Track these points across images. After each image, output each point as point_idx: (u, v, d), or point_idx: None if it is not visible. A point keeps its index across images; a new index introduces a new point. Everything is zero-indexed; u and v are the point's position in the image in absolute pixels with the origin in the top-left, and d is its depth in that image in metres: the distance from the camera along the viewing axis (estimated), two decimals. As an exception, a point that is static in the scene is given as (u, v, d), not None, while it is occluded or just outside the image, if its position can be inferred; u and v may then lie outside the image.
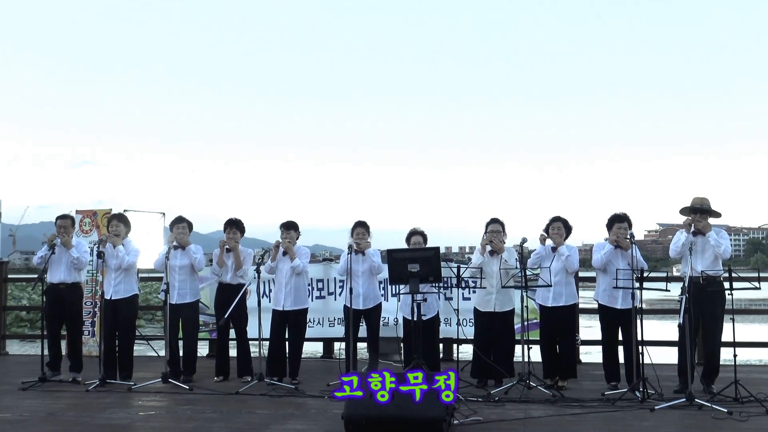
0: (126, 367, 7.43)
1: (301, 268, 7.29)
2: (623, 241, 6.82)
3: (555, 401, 6.25)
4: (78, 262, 7.43)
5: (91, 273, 8.83)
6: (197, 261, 7.51)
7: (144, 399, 6.65)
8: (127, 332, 7.50)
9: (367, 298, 7.33)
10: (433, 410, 5.01)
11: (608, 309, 6.90)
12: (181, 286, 7.47)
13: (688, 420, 5.58)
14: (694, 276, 6.34)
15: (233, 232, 7.64)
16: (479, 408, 5.93)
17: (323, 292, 8.97)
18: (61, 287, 7.47)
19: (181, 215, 7.68)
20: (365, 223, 7.53)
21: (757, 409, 5.75)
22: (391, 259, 6.64)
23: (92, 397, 6.72)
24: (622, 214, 6.96)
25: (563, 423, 5.54)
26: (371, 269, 7.36)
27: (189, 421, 5.71)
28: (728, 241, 6.77)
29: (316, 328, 8.81)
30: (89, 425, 5.62)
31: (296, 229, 7.41)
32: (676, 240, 6.71)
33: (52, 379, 7.34)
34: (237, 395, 6.66)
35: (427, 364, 6.21)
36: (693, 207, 6.68)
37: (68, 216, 7.71)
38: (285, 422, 5.65)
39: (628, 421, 5.56)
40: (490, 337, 7.05)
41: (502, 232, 7.20)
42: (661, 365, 6.74)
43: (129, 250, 7.41)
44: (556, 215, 7.19)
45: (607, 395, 6.46)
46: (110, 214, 8.29)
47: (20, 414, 5.99)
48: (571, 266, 7.01)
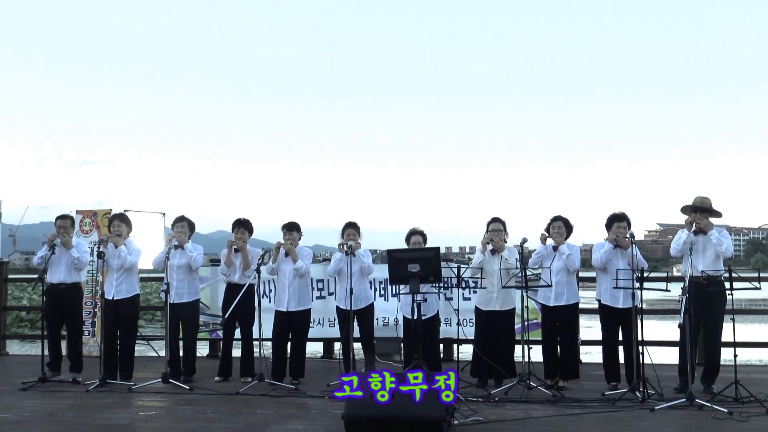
0: (126, 368, 7.45)
1: (305, 269, 7.30)
2: (622, 240, 6.83)
3: (555, 401, 6.26)
4: (78, 262, 7.45)
5: (91, 273, 8.85)
6: (193, 259, 7.50)
7: (144, 399, 6.66)
8: (129, 332, 7.52)
9: (357, 298, 7.30)
10: (433, 410, 5.02)
11: (609, 308, 6.91)
12: (179, 285, 7.47)
13: (689, 420, 5.59)
14: (695, 276, 6.35)
15: (241, 232, 7.62)
16: (479, 408, 5.95)
17: (323, 292, 8.98)
18: (61, 287, 7.47)
19: (183, 215, 7.70)
20: (355, 224, 7.54)
21: (757, 410, 5.76)
22: (391, 259, 6.65)
23: (92, 397, 6.74)
24: (620, 214, 6.98)
25: (563, 423, 5.56)
26: (361, 270, 7.34)
27: (189, 422, 5.73)
28: (729, 240, 6.77)
29: (317, 328, 8.81)
30: (89, 425, 5.64)
31: (298, 230, 7.42)
32: (677, 238, 6.72)
33: (52, 380, 7.36)
34: (237, 395, 6.68)
35: (427, 364, 6.23)
36: (694, 206, 6.70)
37: (68, 216, 7.72)
38: (285, 422, 5.67)
39: (629, 422, 5.57)
40: (491, 336, 7.06)
41: (503, 231, 7.21)
42: (662, 365, 6.75)
43: (131, 250, 7.43)
44: (557, 215, 7.21)
45: (608, 395, 6.47)
46: (110, 214, 8.33)
47: (20, 414, 6.01)
48: (573, 265, 7.02)
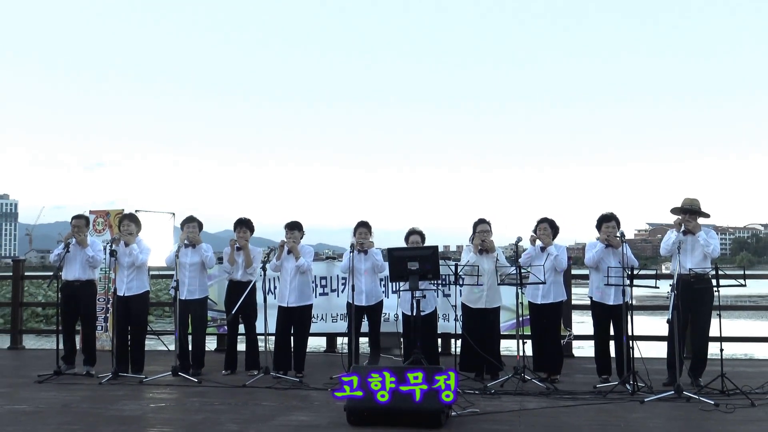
0: (138, 361, 7.61)
1: (306, 266, 7.43)
2: (613, 240, 6.97)
3: (549, 394, 6.39)
4: (93, 260, 7.62)
5: (104, 270, 8.98)
6: (208, 259, 7.69)
7: (155, 392, 6.78)
8: (139, 327, 7.68)
9: (369, 295, 7.52)
10: (432, 405, 5.16)
11: (600, 305, 7.04)
12: (190, 282, 7.64)
13: (677, 412, 5.69)
14: (683, 273, 6.48)
15: (243, 231, 7.79)
16: (476, 400, 6.06)
17: (326, 289, 9.15)
18: (76, 284, 7.65)
19: (192, 215, 7.84)
20: (367, 223, 7.69)
21: (742, 401, 5.89)
22: (391, 257, 6.82)
23: (105, 389, 6.88)
24: (609, 214, 7.13)
25: (557, 414, 5.66)
26: (373, 267, 7.53)
27: (198, 413, 5.83)
28: (717, 240, 6.91)
29: (320, 323, 9.01)
30: (102, 416, 5.72)
31: (300, 229, 7.56)
32: (666, 239, 6.85)
33: (66, 373, 7.53)
34: (244, 388, 6.80)
35: (426, 358, 6.42)
36: (683, 207, 6.83)
37: (83, 216, 7.95)
38: (290, 414, 5.77)
39: (619, 413, 5.68)
40: (478, 332, 7.21)
41: (490, 231, 7.38)
42: (651, 359, 6.90)
43: (141, 248, 7.61)
44: (543, 216, 7.39)
45: (599, 388, 6.61)
46: (122, 214, 8.44)
47: (36, 406, 6.13)
48: (560, 265, 7.18)
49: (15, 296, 10.40)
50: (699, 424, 5.38)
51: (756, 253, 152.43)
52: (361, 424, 5.26)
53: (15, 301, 10.41)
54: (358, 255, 7.50)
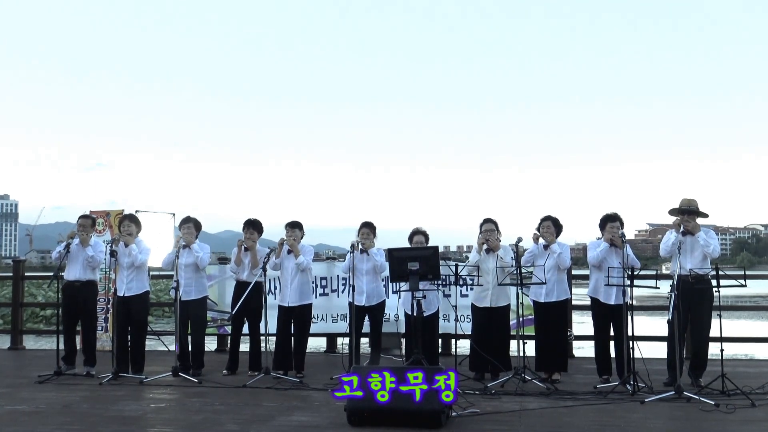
0: (138, 362, 7.62)
1: (306, 265, 7.45)
2: (617, 240, 6.96)
3: (549, 394, 6.39)
4: (92, 260, 7.62)
5: (104, 271, 8.98)
6: (199, 259, 7.67)
7: (155, 392, 6.79)
8: (140, 328, 7.69)
9: (370, 295, 7.52)
10: (432, 405, 5.16)
11: (601, 305, 7.04)
12: (187, 283, 7.64)
13: (677, 412, 5.69)
14: (683, 274, 6.48)
15: (251, 232, 7.77)
16: (476, 400, 6.06)
17: (327, 290, 9.16)
18: (77, 284, 7.66)
19: (189, 215, 7.86)
20: (371, 223, 7.69)
21: (742, 402, 5.89)
22: (391, 257, 6.82)
23: (105, 390, 6.88)
24: (613, 214, 7.13)
25: (557, 415, 5.66)
26: (375, 268, 7.53)
27: (198, 413, 5.83)
28: (717, 240, 6.91)
29: (320, 323, 9.02)
30: (103, 417, 5.71)
31: (300, 228, 7.58)
32: (666, 239, 6.85)
33: (67, 373, 7.54)
34: (244, 388, 6.81)
35: (426, 358, 6.42)
36: (682, 208, 6.82)
37: (89, 216, 8.00)
38: (290, 414, 5.77)
39: (619, 413, 5.68)
40: (487, 332, 7.20)
41: (495, 230, 7.38)
42: (651, 359, 6.88)
43: (141, 249, 7.61)
44: (547, 215, 7.37)
45: (599, 388, 6.62)
46: (122, 214, 8.45)
47: (37, 406, 6.14)
48: (563, 263, 7.19)
49: (15, 297, 10.40)
50: (699, 424, 5.38)
51: (756, 254, 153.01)
52: (362, 424, 5.26)
53: (15, 302, 10.41)
54: (360, 255, 7.50)
